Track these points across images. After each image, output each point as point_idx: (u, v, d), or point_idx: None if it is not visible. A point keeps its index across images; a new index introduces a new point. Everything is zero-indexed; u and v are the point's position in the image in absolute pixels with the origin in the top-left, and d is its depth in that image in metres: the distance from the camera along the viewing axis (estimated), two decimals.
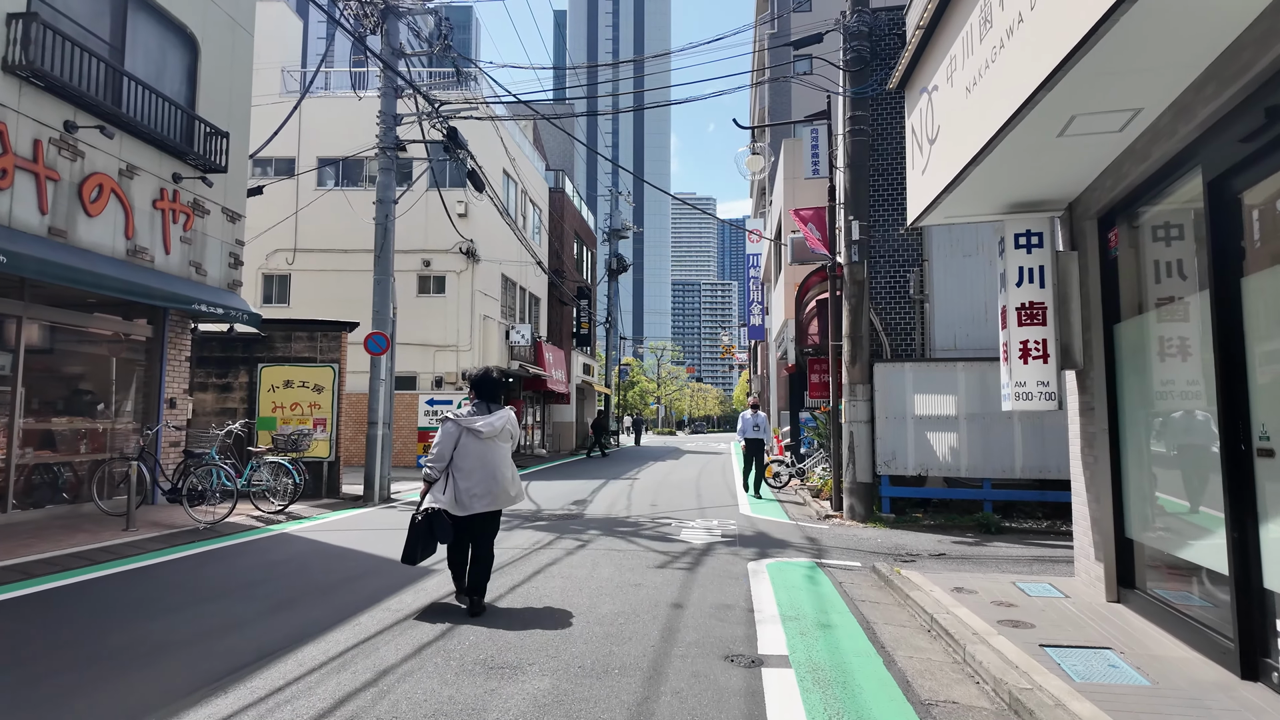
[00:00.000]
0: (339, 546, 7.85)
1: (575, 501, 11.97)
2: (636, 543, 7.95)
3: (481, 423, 5.05)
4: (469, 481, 5.00)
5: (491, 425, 5.08)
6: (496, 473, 5.09)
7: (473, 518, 5.07)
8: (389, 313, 13.27)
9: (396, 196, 13.83)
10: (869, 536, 8.84)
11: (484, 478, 5.03)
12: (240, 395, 12.92)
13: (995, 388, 9.68)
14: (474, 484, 5.00)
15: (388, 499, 12.72)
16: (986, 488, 9.67)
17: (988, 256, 10.62)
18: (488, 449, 5.08)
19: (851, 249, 10.20)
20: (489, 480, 5.05)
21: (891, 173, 11.02)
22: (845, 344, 10.22)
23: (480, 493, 5.03)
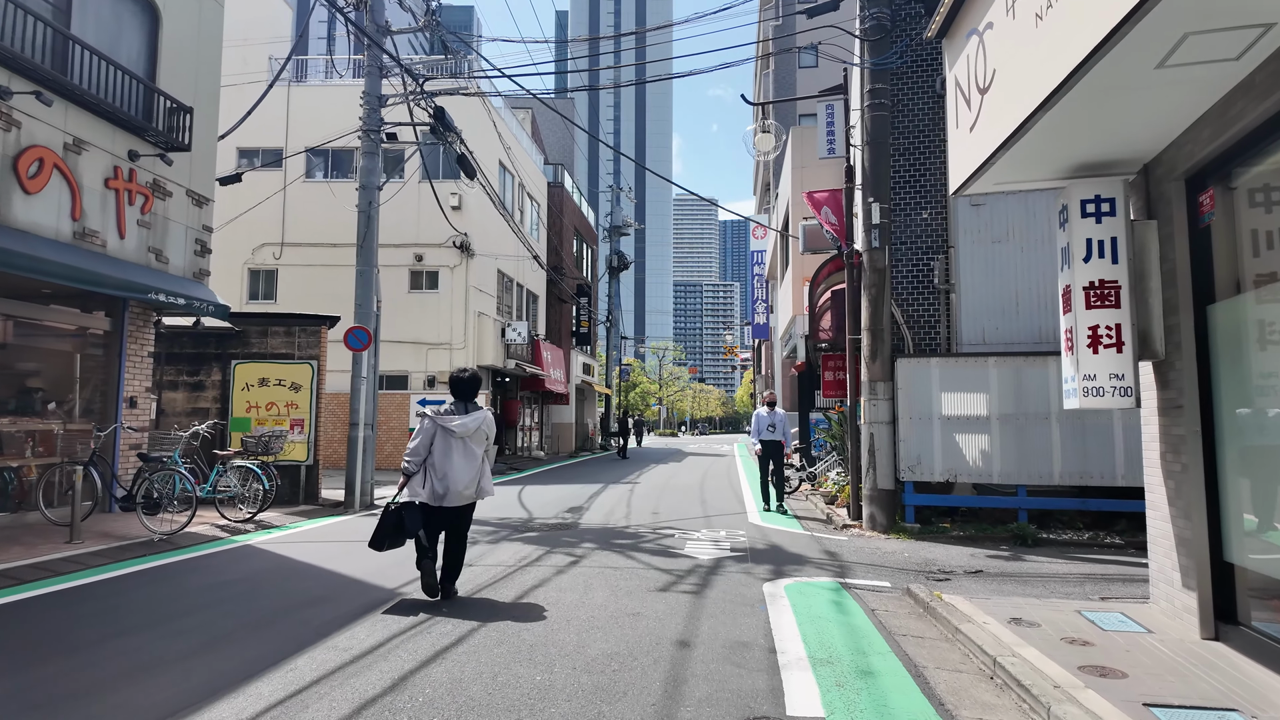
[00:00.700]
0: (302, 562, 6.99)
1: (570, 509, 11.10)
2: (636, 558, 7.08)
3: (456, 422, 5.33)
4: (442, 477, 5.28)
5: (465, 425, 5.34)
6: (467, 470, 5.34)
7: (445, 511, 5.37)
8: (372, 306, 12.43)
9: (381, 183, 12.98)
10: (894, 550, 7.97)
11: (455, 474, 5.30)
12: (213, 394, 12.06)
13: (1031, 385, 8.81)
14: (447, 479, 5.27)
15: (370, 505, 11.87)
16: (1021, 495, 8.80)
17: (1019, 242, 9.76)
18: (462, 447, 5.35)
19: (871, 234, 9.33)
20: (460, 477, 5.31)
21: (914, 152, 10.16)
22: (864, 338, 9.35)
23: (450, 488, 5.29)
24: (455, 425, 5.30)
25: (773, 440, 10.83)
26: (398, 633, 4.56)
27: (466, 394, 5.51)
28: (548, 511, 10.78)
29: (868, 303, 9.35)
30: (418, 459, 5.32)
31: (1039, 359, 8.86)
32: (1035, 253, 9.69)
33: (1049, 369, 8.80)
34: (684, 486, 14.85)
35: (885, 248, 9.35)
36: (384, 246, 20.91)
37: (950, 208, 9.98)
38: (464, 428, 5.32)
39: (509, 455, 23.78)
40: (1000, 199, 9.85)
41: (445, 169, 20.99)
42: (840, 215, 9.93)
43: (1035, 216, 9.72)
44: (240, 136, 20.92)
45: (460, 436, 5.32)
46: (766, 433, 10.82)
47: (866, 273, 9.38)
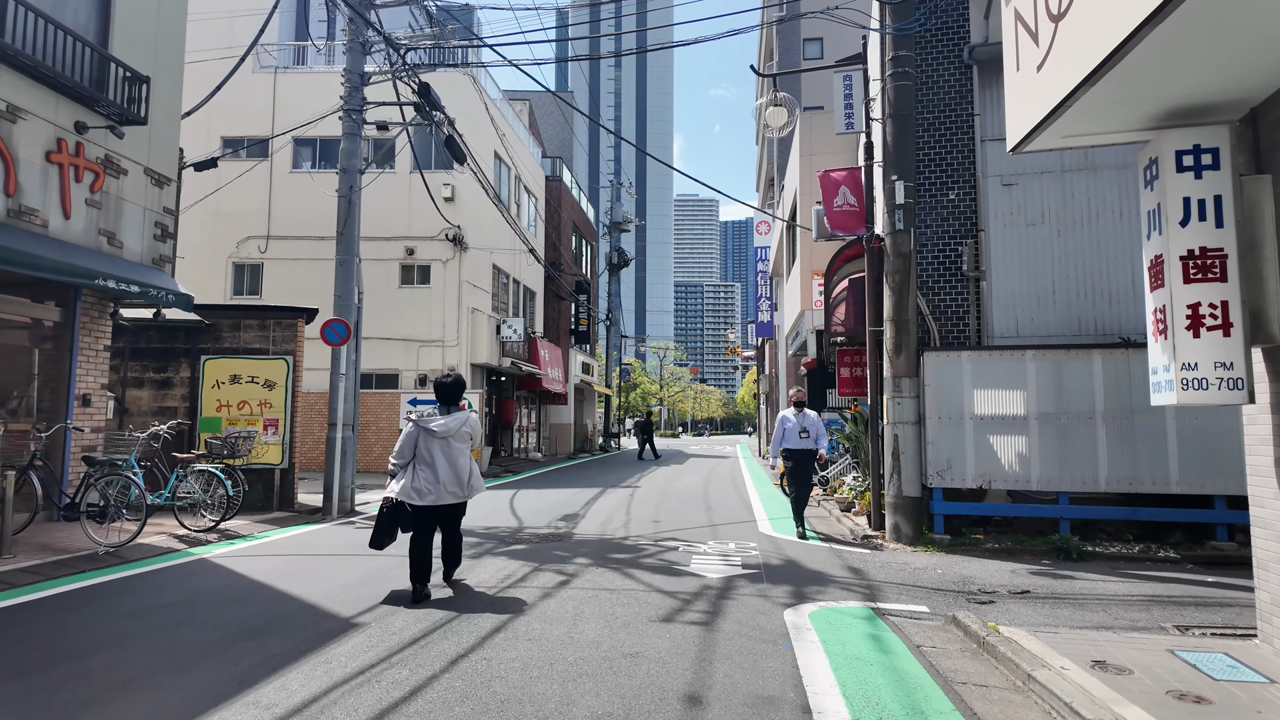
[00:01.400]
0: (256, 581, 6.13)
1: (565, 516, 10.23)
2: (634, 577, 6.22)
3: (437, 424, 5.54)
4: (425, 476, 5.50)
5: (446, 426, 5.55)
6: (449, 470, 5.54)
7: (435, 510, 5.57)
8: (353, 298, 11.56)
9: (364, 167, 12.11)
10: (923, 565, 7.10)
11: (437, 474, 5.50)
12: (181, 392, 11.22)
13: (1074, 381, 7.95)
14: (430, 479, 5.49)
15: (350, 512, 11.02)
16: (1062, 503, 7.93)
17: (1055, 225, 8.89)
18: (445, 447, 5.54)
19: (894, 215, 8.47)
20: (443, 476, 5.51)
21: (939, 127, 9.29)
22: (887, 330, 8.49)
23: (432, 488, 5.49)
24: (436, 426, 5.54)
25: (804, 449, 8.48)
26: (339, 682, 3.69)
27: (450, 397, 5.72)
28: (540, 520, 9.92)
29: (890, 291, 8.49)
30: (402, 460, 5.59)
31: (1082, 352, 8.00)
32: (1074, 237, 8.83)
33: (1093, 363, 7.93)
34: (687, 491, 13.98)
35: (910, 230, 8.49)
36: (374, 239, 20.12)
37: (980, 188, 9.12)
38: (445, 428, 5.54)
39: (504, 457, 22.92)
40: (1035, 179, 8.99)
41: (438, 159, 20.16)
42: (860, 195, 9.07)
43: (1074, 197, 8.86)
44: (224, 125, 20.15)
45: (442, 437, 5.53)
46: (797, 440, 8.44)
47: (889, 258, 8.52)
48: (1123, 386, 7.82)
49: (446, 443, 5.53)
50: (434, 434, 5.50)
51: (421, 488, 5.48)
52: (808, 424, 8.50)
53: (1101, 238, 8.77)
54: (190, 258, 19.64)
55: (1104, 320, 8.67)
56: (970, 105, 9.24)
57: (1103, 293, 8.72)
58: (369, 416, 18.75)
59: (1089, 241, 8.79)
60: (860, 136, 10.53)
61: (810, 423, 8.51)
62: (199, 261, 19.76)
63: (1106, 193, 8.79)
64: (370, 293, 19.54)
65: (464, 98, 19.55)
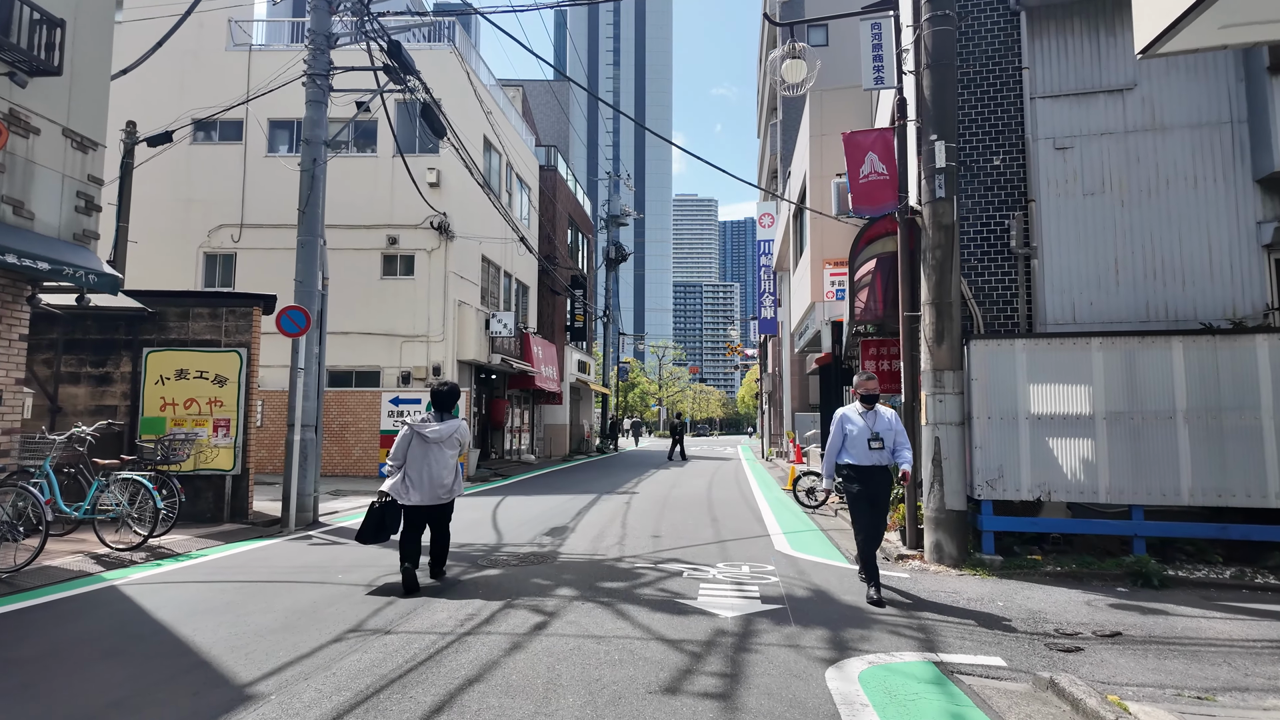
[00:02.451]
0: (157, 622, 4.89)
1: (552, 530, 9.00)
2: (629, 617, 4.98)
3: (431, 430, 5.83)
4: (414, 477, 5.76)
5: (439, 433, 5.84)
6: (436, 473, 5.80)
7: (423, 510, 5.82)
8: (316, 284, 10.34)
9: (330, 138, 10.88)
10: (979, 595, 5.88)
11: (425, 476, 5.77)
12: (122, 389, 9.98)
13: (1148, 374, 6.73)
14: (418, 480, 5.76)
15: (312, 523, 9.81)
16: (1136, 518, 6.71)
17: (1118, 194, 7.67)
18: (437, 452, 5.82)
19: (935, 180, 7.25)
20: (430, 478, 5.77)
21: (981, 84, 8.08)
22: (926, 315, 7.26)
23: (420, 489, 5.75)
24: (430, 432, 5.83)
25: (875, 466, 5.75)
26: None
27: (445, 405, 6.06)
28: (523, 534, 8.69)
29: (930, 270, 7.26)
30: (397, 463, 5.85)
31: (1159, 340, 6.77)
32: (1140, 208, 7.61)
33: (1173, 353, 6.71)
34: (689, 499, 12.75)
35: (953, 199, 7.26)
36: (353, 228, 18.87)
37: (1029, 153, 7.89)
38: (437, 435, 5.84)
39: (495, 460, 21.68)
40: (1093, 140, 7.77)
41: (422, 143, 18.93)
42: (891, 162, 7.85)
43: (1139, 162, 7.64)
44: (195, 107, 18.88)
45: (435, 442, 5.82)
46: (865, 451, 5.74)
47: (928, 232, 7.29)
48: (1209, 380, 6.60)
49: (439, 448, 5.84)
50: (428, 439, 5.81)
51: (411, 487, 5.75)
52: (881, 427, 5.79)
53: (1173, 208, 7.55)
54: (158, 247, 18.42)
55: (1176, 304, 7.45)
56: (1017, 58, 8.02)
57: (1174, 272, 7.50)
58: (348, 417, 17.52)
59: (1158, 213, 7.57)
60: (888, 97, 9.33)
61: (885, 425, 5.81)
62: (168, 251, 18.53)
63: (1178, 156, 7.58)
64: (350, 284, 18.31)
65: (449, 76, 18.32)
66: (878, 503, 5.87)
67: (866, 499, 5.81)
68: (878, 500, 5.86)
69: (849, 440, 5.85)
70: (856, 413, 5.93)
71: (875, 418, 5.86)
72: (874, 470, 5.77)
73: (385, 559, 7.06)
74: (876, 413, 5.89)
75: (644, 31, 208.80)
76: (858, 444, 5.79)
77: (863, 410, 5.90)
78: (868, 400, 5.92)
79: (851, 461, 5.80)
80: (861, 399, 5.95)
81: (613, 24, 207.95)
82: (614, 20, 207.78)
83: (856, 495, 5.84)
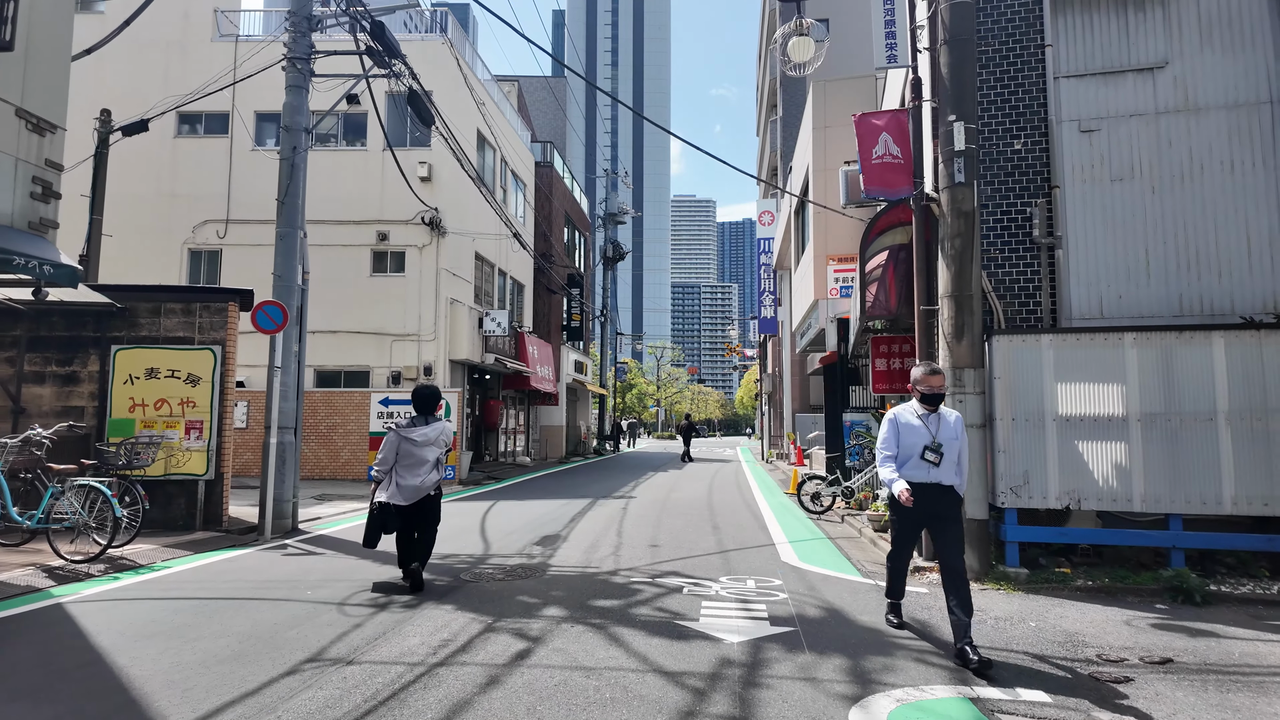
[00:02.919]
0: (95, 649, 4.36)
1: (543, 539, 8.47)
2: (623, 643, 4.46)
3: (418, 433, 6.00)
4: (400, 482, 5.91)
5: (425, 435, 6.02)
6: (423, 474, 5.96)
7: (412, 507, 5.93)
8: (296, 278, 9.82)
9: (310, 124, 10.34)
10: (1007, 614, 5.36)
11: (409, 479, 5.91)
12: (90, 389, 9.43)
13: (1187, 373, 6.22)
14: (405, 485, 5.89)
15: (291, 531, 9.30)
16: (1174, 528, 6.19)
17: (1149, 181, 7.16)
18: (420, 453, 5.97)
19: (953, 165, 6.74)
20: (416, 480, 5.92)
21: (1000, 62, 7.56)
22: (944, 308, 6.74)
23: (409, 490, 5.89)
24: (415, 435, 5.97)
25: (930, 486, 4.56)
26: None
27: (427, 407, 6.19)
28: (512, 543, 8.16)
29: (949, 260, 6.75)
30: (386, 467, 5.94)
31: (1198, 335, 6.27)
32: (1172, 194, 7.10)
33: (1213, 350, 6.21)
34: (688, 504, 12.22)
35: (973, 184, 6.75)
36: (342, 223, 18.33)
37: (1052, 136, 7.38)
38: (426, 437, 6.00)
39: (488, 462, 21.15)
40: (1121, 123, 7.26)
41: (413, 137, 18.40)
42: (905, 144, 7.34)
43: (1171, 145, 7.13)
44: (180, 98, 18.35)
45: (421, 445, 5.96)
46: (919, 463, 4.58)
47: (946, 219, 6.78)
48: (1254, 379, 6.10)
49: (424, 450, 5.99)
50: (415, 442, 5.95)
51: (399, 491, 5.88)
52: (945, 436, 4.57)
53: (1208, 195, 7.04)
54: (141, 243, 17.89)
55: (1212, 297, 6.94)
56: (1040, 34, 7.51)
57: (1210, 263, 6.99)
58: (336, 419, 16.96)
59: (1192, 200, 7.06)
60: (895, 87, 8.83)
61: (950, 434, 4.59)
62: (151, 248, 18.00)
63: (1214, 139, 7.07)
64: (339, 282, 17.78)
65: (441, 67, 17.80)
66: (931, 525, 4.65)
67: (912, 521, 4.73)
68: (937, 526, 4.57)
69: (902, 448, 4.66)
70: (914, 414, 4.69)
71: (938, 422, 4.61)
72: (928, 491, 4.53)
73: (360, 572, 6.53)
74: (940, 417, 4.63)
75: (642, 31, 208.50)
76: (913, 454, 4.59)
77: (923, 412, 4.66)
78: (930, 400, 4.63)
79: (911, 477, 4.59)
80: (922, 398, 4.66)
81: (610, 24, 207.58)
82: (611, 20, 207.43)
83: (903, 519, 4.77)
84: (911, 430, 4.65)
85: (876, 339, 8.63)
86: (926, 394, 4.66)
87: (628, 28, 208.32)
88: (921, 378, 4.69)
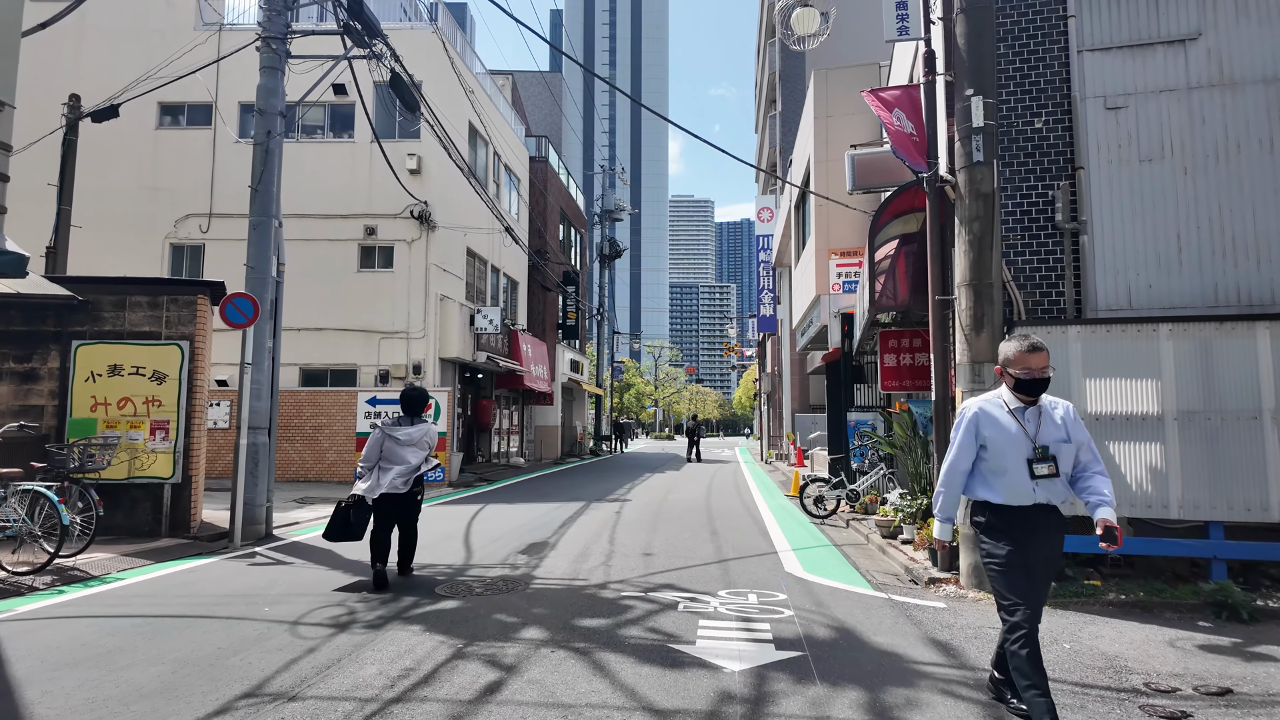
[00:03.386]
0: (8, 680, 3.82)
1: (530, 546, 7.93)
2: (609, 673, 3.92)
3: (403, 433, 6.14)
4: (384, 475, 6.04)
5: (411, 435, 6.16)
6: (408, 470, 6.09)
7: (392, 503, 6.08)
8: (270, 269, 9.30)
9: (283, 107, 9.80)
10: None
11: (391, 472, 6.04)
12: (50, 386, 8.88)
13: (1228, 368, 5.71)
14: (386, 477, 6.02)
15: (265, 537, 8.78)
16: (1215, 536, 5.68)
17: (1180, 161, 6.64)
18: (403, 452, 6.11)
19: (971, 142, 6.22)
20: (397, 473, 6.05)
21: (1019, 34, 7.04)
22: (962, 298, 6.23)
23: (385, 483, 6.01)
24: (401, 434, 6.11)
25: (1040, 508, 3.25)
26: None
27: (414, 409, 6.29)
28: (496, 551, 7.62)
29: (967, 245, 6.22)
30: (369, 464, 6.08)
31: (1240, 326, 5.75)
32: (1206, 175, 6.58)
33: (1257, 342, 5.69)
34: (685, 507, 11.69)
35: (992, 163, 6.23)
36: (329, 217, 17.76)
37: (1076, 113, 6.86)
38: (410, 437, 6.13)
39: (481, 464, 20.61)
40: (1150, 99, 6.74)
41: (402, 128, 17.86)
42: (919, 120, 6.82)
43: (1205, 123, 6.62)
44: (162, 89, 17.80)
45: (406, 444, 6.09)
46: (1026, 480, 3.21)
47: (964, 201, 6.26)
48: None
49: (409, 449, 6.11)
50: (399, 441, 6.10)
51: (380, 484, 5.99)
52: (1051, 436, 3.25)
53: (1245, 176, 6.52)
54: (121, 237, 17.33)
55: (1251, 286, 6.42)
56: (1062, 5, 6.99)
57: (1247, 250, 6.47)
58: (322, 419, 16.42)
59: (1227, 181, 6.54)
60: (900, 71, 8.31)
61: (1057, 433, 3.25)
62: (131, 242, 17.44)
63: (1251, 116, 6.55)
64: (325, 277, 17.22)
65: (431, 57, 17.26)
66: (1039, 569, 3.21)
67: (1021, 564, 3.17)
68: (1040, 564, 3.22)
69: (990, 458, 3.29)
70: (1003, 409, 3.31)
71: (1041, 419, 3.25)
72: (1036, 514, 3.23)
73: (327, 585, 6.00)
74: (1042, 411, 3.28)
75: (640, 31, 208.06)
76: (1009, 466, 3.23)
77: (1017, 405, 3.29)
78: (1030, 388, 3.22)
79: (995, 500, 3.27)
80: (1017, 385, 3.24)
81: (608, 23, 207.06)
82: (609, 20, 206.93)
83: (1006, 558, 3.18)
84: (1001, 432, 3.26)
85: (885, 333, 8.11)
86: (1024, 380, 3.20)
87: (625, 27, 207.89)
88: (1017, 356, 3.24)
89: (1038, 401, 3.30)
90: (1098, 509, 3.15)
